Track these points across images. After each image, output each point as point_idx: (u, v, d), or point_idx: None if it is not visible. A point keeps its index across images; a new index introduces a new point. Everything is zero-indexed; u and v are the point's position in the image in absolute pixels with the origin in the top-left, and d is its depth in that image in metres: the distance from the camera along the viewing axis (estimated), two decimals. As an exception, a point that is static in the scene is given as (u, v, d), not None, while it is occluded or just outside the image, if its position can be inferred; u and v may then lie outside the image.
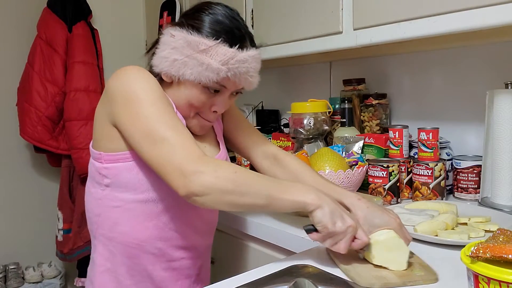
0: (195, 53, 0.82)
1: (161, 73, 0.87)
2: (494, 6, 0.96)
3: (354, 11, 1.26)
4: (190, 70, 0.83)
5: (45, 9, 2.08)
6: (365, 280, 0.72)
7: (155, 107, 0.78)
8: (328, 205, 0.75)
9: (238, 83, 0.86)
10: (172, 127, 0.77)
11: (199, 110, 0.89)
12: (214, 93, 0.87)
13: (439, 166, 1.20)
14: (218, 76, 0.82)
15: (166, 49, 0.85)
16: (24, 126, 2.05)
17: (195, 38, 0.82)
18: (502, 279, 0.51)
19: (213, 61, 0.81)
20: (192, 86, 0.86)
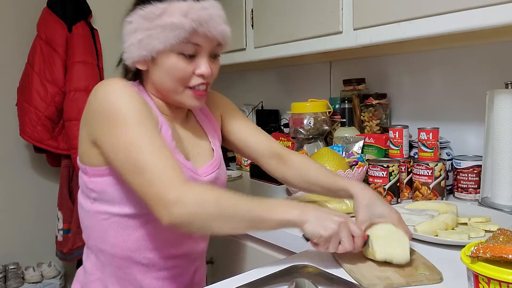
0: (154, 21, 0.80)
1: (135, 65, 0.85)
2: (494, 6, 0.96)
3: (354, 11, 1.25)
4: (157, 39, 0.80)
5: (45, 9, 2.08)
6: (368, 280, 0.72)
7: (137, 130, 0.76)
8: (312, 215, 0.76)
9: (209, 34, 0.82)
10: (153, 152, 0.75)
11: (184, 80, 0.85)
12: (191, 58, 0.84)
13: (439, 166, 1.20)
14: (185, 31, 0.79)
15: (129, 38, 0.83)
16: (23, 126, 2.04)
17: (147, 9, 0.81)
18: (502, 279, 0.51)
19: (174, 18, 0.79)
20: (167, 57, 0.82)
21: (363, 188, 0.91)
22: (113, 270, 0.88)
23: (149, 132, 0.77)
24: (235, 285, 0.73)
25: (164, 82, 0.85)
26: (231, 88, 2.39)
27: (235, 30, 1.71)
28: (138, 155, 0.74)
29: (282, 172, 1.03)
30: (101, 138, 0.79)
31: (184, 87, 0.86)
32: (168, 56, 0.82)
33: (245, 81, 2.32)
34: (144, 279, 0.88)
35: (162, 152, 0.76)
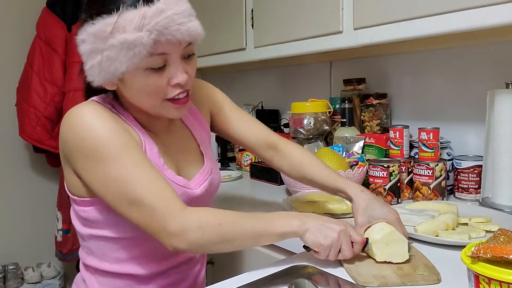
0: (107, 40, 0.69)
1: (102, 86, 0.77)
2: (494, 6, 0.96)
3: (354, 11, 1.25)
4: (117, 61, 0.70)
5: (44, 9, 2.08)
6: (364, 279, 0.73)
7: (123, 162, 0.72)
8: (312, 224, 0.76)
9: (173, 40, 0.71)
10: (145, 183, 0.72)
11: (160, 95, 0.75)
12: (162, 69, 0.73)
13: (440, 166, 1.20)
14: (145, 46, 0.68)
15: (87, 59, 0.74)
16: (23, 126, 2.04)
17: (98, 26, 0.70)
18: (502, 279, 0.51)
19: (128, 34, 0.68)
20: (134, 76, 0.73)
21: (361, 190, 0.89)
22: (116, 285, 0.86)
23: (136, 161, 0.73)
24: (235, 285, 0.73)
25: (138, 100, 0.77)
26: (231, 88, 2.39)
27: (235, 30, 1.72)
28: (131, 189, 0.71)
29: (279, 164, 1.02)
30: (86, 176, 0.75)
31: (162, 100, 0.76)
32: (135, 75, 0.73)
33: (245, 81, 2.32)
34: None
35: (154, 181, 0.73)
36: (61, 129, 0.77)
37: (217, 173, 0.96)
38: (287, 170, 1.02)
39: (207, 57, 1.88)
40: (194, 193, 0.86)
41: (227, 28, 1.76)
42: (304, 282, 0.66)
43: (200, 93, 0.99)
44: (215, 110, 1.01)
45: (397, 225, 0.84)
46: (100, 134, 0.72)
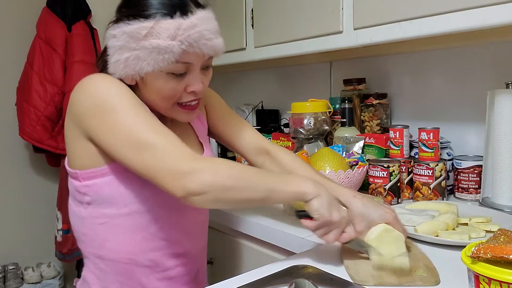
0: (140, 42, 0.75)
1: (122, 79, 0.81)
2: (494, 6, 0.96)
3: (354, 11, 1.25)
4: (145, 61, 0.76)
5: (44, 9, 2.08)
6: (361, 277, 0.73)
7: (132, 112, 0.75)
8: (325, 194, 0.76)
9: (199, 52, 0.78)
10: (156, 130, 0.74)
11: (175, 98, 0.82)
12: (182, 76, 0.80)
13: (440, 166, 1.20)
14: (174, 54, 0.75)
15: (114, 53, 0.79)
16: (23, 126, 2.04)
17: (133, 27, 0.75)
18: (503, 279, 0.51)
19: (161, 40, 0.74)
20: (156, 77, 0.79)
21: (353, 196, 0.86)
22: (115, 277, 0.86)
23: (146, 113, 0.76)
24: (235, 285, 0.73)
25: (154, 100, 0.83)
26: (231, 88, 2.39)
27: (235, 30, 1.72)
28: (141, 133, 0.73)
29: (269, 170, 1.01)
30: (97, 132, 0.76)
31: (174, 103, 0.83)
32: (156, 77, 0.79)
33: (245, 80, 2.31)
34: (148, 282, 0.87)
35: (165, 129, 0.75)
36: (72, 94, 0.80)
37: None
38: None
39: (207, 57, 1.87)
40: None
41: (227, 28, 1.76)
42: (304, 282, 0.66)
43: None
44: (209, 108, 1.03)
45: (396, 225, 0.83)
46: (110, 90, 0.77)
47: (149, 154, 0.72)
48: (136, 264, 0.86)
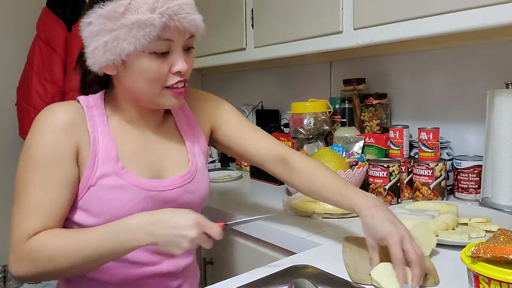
0: (118, 20, 0.73)
1: (102, 70, 0.79)
2: (494, 6, 0.96)
3: (354, 11, 1.25)
4: (125, 41, 0.73)
5: (44, 9, 2.08)
6: (359, 276, 0.74)
7: (29, 175, 0.77)
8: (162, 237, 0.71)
9: (180, 27, 0.76)
10: (25, 204, 0.76)
11: (160, 81, 0.79)
12: (165, 55, 0.77)
13: (440, 166, 1.20)
14: (155, 27, 0.72)
15: (91, 41, 0.76)
16: (23, 126, 2.04)
17: (109, 7, 0.73)
18: (502, 279, 0.51)
19: (140, 15, 0.72)
20: (138, 59, 0.76)
21: (366, 207, 0.79)
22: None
23: (41, 181, 0.76)
24: (235, 285, 0.73)
25: (138, 85, 0.79)
26: (231, 88, 2.39)
27: (235, 30, 1.72)
28: (16, 197, 0.79)
29: (289, 178, 0.95)
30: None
31: (161, 87, 0.80)
32: (139, 57, 0.76)
33: (245, 81, 2.31)
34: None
35: (34, 207, 0.76)
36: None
37: (201, 185, 0.91)
38: (298, 184, 0.95)
39: (207, 57, 1.87)
40: (161, 195, 0.83)
41: (227, 28, 1.76)
42: (304, 282, 0.66)
43: (206, 105, 0.99)
44: (217, 124, 0.98)
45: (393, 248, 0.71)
46: (35, 142, 0.77)
47: (14, 210, 0.78)
48: (104, 284, 0.83)
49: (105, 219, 0.78)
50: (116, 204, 0.79)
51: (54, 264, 0.72)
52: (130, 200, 0.80)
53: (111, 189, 0.79)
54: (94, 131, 0.81)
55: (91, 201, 0.79)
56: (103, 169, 0.79)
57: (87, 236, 0.73)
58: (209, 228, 0.72)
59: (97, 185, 0.79)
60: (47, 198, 0.76)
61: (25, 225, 0.74)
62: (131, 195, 0.80)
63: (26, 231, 0.74)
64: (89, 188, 0.79)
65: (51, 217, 0.75)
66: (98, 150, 0.80)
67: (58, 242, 0.73)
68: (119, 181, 0.79)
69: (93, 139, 0.80)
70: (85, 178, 0.79)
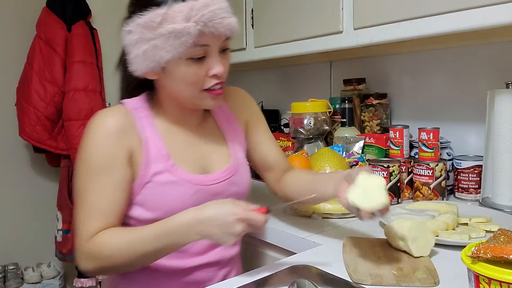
0: (156, 30, 0.76)
1: (144, 76, 0.83)
2: (494, 6, 0.96)
3: (354, 11, 1.25)
4: (163, 49, 0.77)
5: (44, 9, 2.08)
6: (359, 276, 0.74)
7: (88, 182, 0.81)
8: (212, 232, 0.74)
9: (215, 33, 0.78)
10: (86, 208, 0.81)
11: (198, 84, 0.82)
12: (201, 60, 0.80)
13: (440, 166, 1.20)
14: (191, 36, 0.75)
15: (132, 49, 0.80)
16: (23, 126, 2.04)
17: (147, 17, 0.76)
18: (503, 279, 0.51)
19: (176, 24, 0.75)
20: (177, 65, 0.80)
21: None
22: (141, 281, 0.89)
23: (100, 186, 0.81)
24: (235, 285, 0.73)
25: (178, 89, 0.84)
26: (231, 88, 2.38)
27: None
28: (76, 202, 0.83)
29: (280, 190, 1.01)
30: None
31: (200, 90, 0.83)
32: (177, 64, 0.80)
33: (245, 81, 2.31)
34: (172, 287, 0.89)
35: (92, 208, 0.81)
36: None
37: (244, 177, 0.96)
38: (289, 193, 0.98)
39: (207, 57, 1.87)
40: (210, 189, 0.88)
41: (227, 28, 1.76)
42: (304, 282, 0.66)
43: (241, 101, 1.04)
44: (250, 124, 1.03)
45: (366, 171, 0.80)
46: (90, 149, 0.82)
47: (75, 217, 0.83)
48: (157, 272, 0.87)
49: (161, 212, 0.83)
50: (170, 199, 0.84)
51: (113, 261, 0.78)
52: (182, 195, 0.85)
53: (165, 185, 0.84)
54: (143, 132, 0.85)
55: (147, 197, 0.84)
56: (156, 167, 0.84)
57: (141, 236, 0.78)
58: (253, 221, 0.74)
59: (152, 182, 0.84)
60: (106, 201, 0.81)
61: (88, 226, 0.80)
62: (183, 190, 0.85)
63: (89, 232, 0.80)
64: (145, 185, 0.84)
65: (110, 217, 0.81)
66: (150, 149, 0.85)
67: (115, 241, 0.79)
68: (172, 178, 0.84)
69: (144, 140, 0.85)
70: (141, 176, 0.83)
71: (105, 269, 0.81)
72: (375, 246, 0.88)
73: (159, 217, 0.81)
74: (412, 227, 0.82)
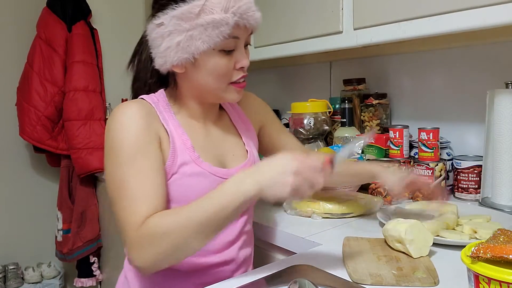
0: (194, 21, 0.77)
1: (172, 68, 0.83)
2: (494, 6, 0.96)
3: (354, 11, 1.25)
4: (200, 39, 0.77)
5: (44, 9, 2.08)
6: (358, 276, 0.74)
7: (125, 167, 0.76)
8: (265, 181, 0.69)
9: (248, 25, 0.81)
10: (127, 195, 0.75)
11: (227, 77, 0.83)
12: (231, 53, 0.82)
13: (440, 166, 1.20)
14: (229, 26, 0.77)
15: (162, 42, 0.80)
16: (23, 126, 2.04)
17: (184, 8, 0.77)
18: (502, 279, 0.51)
19: (215, 15, 0.76)
20: (209, 57, 0.80)
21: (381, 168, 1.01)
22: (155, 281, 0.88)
23: (139, 170, 0.77)
24: (235, 285, 0.73)
25: (207, 82, 0.83)
26: (231, 88, 2.39)
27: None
28: (115, 195, 0.77)
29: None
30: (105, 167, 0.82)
31: (227, 83, 0.84)
32: (210, 55, 0.80)
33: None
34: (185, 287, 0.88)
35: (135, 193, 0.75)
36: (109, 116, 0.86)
37: None
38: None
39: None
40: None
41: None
42: (304, 282, 0.66)
43: (252, 104, 1.05)
44: (267, 123, 1.06)
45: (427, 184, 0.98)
46: (121, 136, 0.78)
47: (116, 217, 0.77)
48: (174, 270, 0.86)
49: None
50: (196, 190, 0.82)
51: (171, 240, 0.70)
52: (207, 187, 0.80)
53: (191, 176, 0.83)
54: (167, 123, 0.85)
55: (174, 188, 0.83)
56: (183, 158, 0.83)
57: (194, 204, 0.72)
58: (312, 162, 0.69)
59: (179, 173, 0.83)
60: (148, 184, 0.77)
61: (136, 213, 0.74)
62: (209, 182, 0.84)
63: (138, 219, 0.74)
64: (172, 176, 0.82)
65: (156, 200, 0.77)
66: (175, 140, 0.84)
67: (169, 218, 0.73)
68: (198, 169, 0.84)
69: (169, 131, 0.84)
70: (168, 167, 0.82)
71: (163, 255, 0.72)
72: (374, 246, 0.88)
73: None
74: (408, 229, 0.82)
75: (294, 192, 0.68)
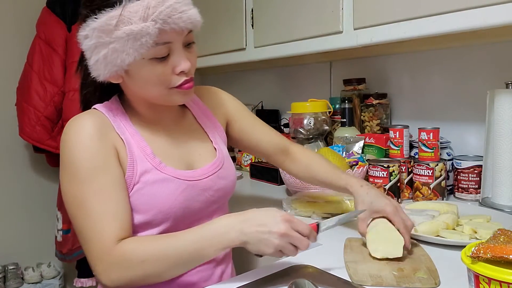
0: (113, 33, 0.71)
1: (108, 80, 0.79)
2: (494, 6, 0.96)
3: (354, 11, 1.25)
4: (124, 52, 0.72)
5: (44, 9, 2.08)
6: (359, 277, 0.74)
7: (84, 185, 0.75)
8: (250, 235, 0.71)
9: (177, 28, 0.74)
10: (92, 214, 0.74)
11: (166, 83, 0.78)
12: (166, 58, 0.76)
13: (440, 166, 1.20)
14: (151, 36, 0.71)
15: (91, 54, 0.76)
16: (23, 126, 2.04)
17: (102, 20, 0.72)
18: (502, 279, 0.51)
19: (133, 25, 0.70)
20: (140, 67, 0.75)
21: (360, 185, 0.93)
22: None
23: (99, 188, 0.75)
24: (235, 285, 0.73)
25: (145, 90, 0.80)
26: (231, 88, 2.38)
27: (235, 30, 1.72)
28: (77, 214, 0.75)
29: (289, 168, 1.07)
30: (61, 184, 0.80)
31: (168, 88, 0.79)
32: (141, 65, 0.75)
33: (245, 81, 2.31)
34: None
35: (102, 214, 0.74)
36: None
37: (230, 170, 0.94)
38: (297, 172, 1.07)
39: (207, 57, 1.87)
40: (199, 184, 0.86)
41: (227, 28, 1.76)
42: (304, 282, 0.66)
43: (215, 98, 1.01)
44: (231, 118, 1.02)
45: (394, 216, 0.86)
46: (77, 153, 0.76)
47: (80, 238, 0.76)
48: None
49: (153, 213, 0.80)
50: (161, 197, 0.80)
51: (145, 269, 0.72)
52: (173, 192, 0.81)
53: (154, 184, 0.80)
54: (122, 133, 0.82)
55: (137, 199, 0.80)
56: (143, 166, 0.80)
57: (177, 239, 0.74)
58: (299, 226, 0.73)
59: (141, 183, 0.80)
60: (112, 202, 0.75)
61: (104, 235, 0.73)
62: (173, 187, 0.82)
63: (108, 241, 0.73)
64: (134, 186, 0.80)
65: (122, 216, 0.76)
66: (133, 149, 0.81)
67: (147, 246, 0.73)
68: (161, 175, 0.81)
69: (125, 140, 0.81)
70: (128, 178, 0.79)
71: (139, 279, 0.73)
72: None
73: (150, 219, 0.80)
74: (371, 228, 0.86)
75: (277, 253, 0.72)
